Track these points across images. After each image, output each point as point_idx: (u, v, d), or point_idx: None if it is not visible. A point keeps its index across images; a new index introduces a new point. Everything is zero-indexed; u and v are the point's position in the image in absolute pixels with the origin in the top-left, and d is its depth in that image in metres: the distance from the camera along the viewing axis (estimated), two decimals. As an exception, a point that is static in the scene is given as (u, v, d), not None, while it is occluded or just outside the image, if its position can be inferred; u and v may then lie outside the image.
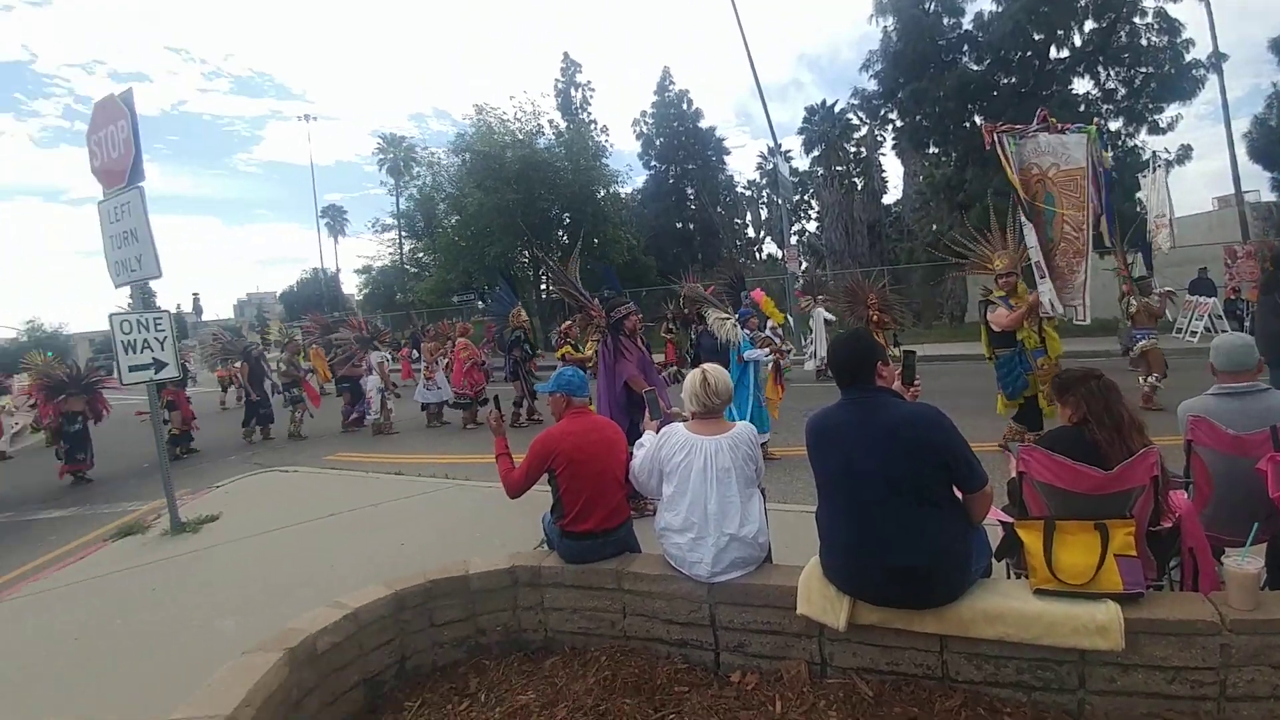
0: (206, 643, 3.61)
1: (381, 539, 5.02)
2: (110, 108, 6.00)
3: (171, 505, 5.66)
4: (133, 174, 5.81)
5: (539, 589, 3.15)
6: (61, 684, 3.35)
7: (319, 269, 49.32)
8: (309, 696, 2.59)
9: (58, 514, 7.50)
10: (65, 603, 4.44)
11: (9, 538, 6.72)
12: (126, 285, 5.96)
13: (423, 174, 31.93)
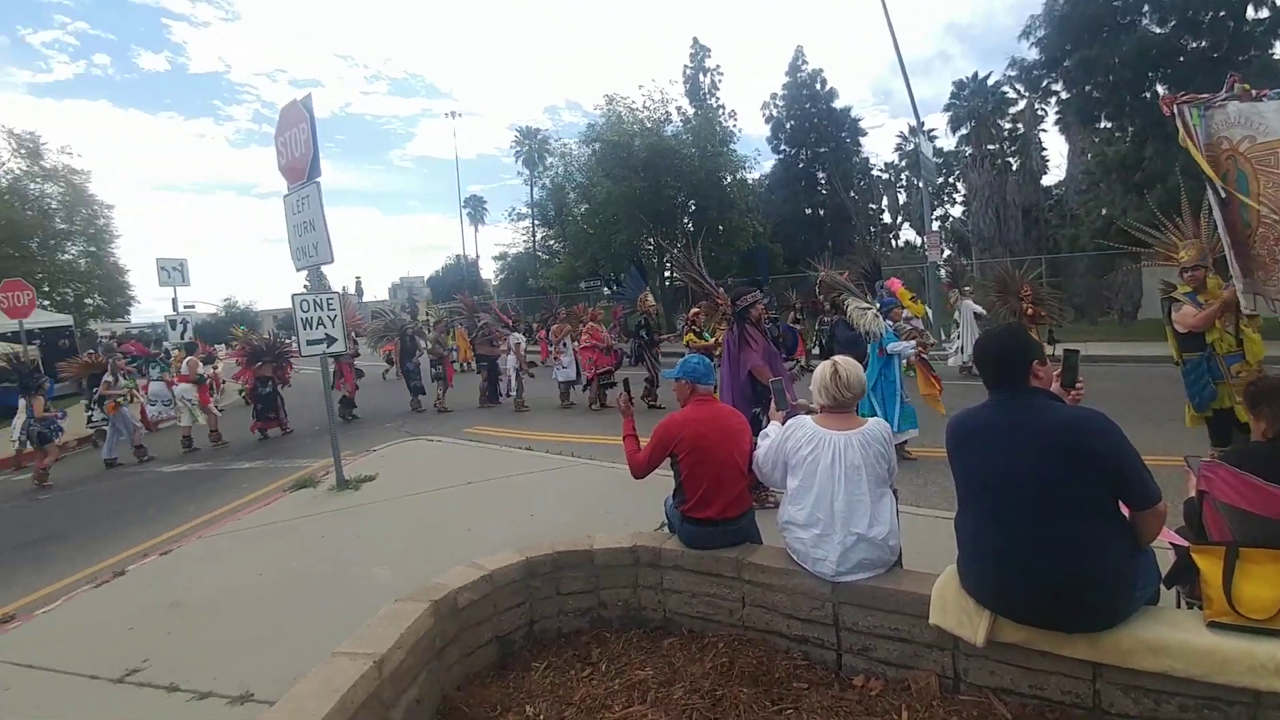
0: (363, 587, 4.07)
1: (513, 508, 5.35)
2: (293, 112, 6.74)
3: (338, 464, 6.38)
4: (311, 170, 6.51)
5: (659, 570, 3.23)
6: (250, 612, 3.91)
7: (461, 256, 52.87)
8: (450, 646, 2.84)
9: (247, 465, 8.71)
10: (254, 542, 5.17)
11: (211, 484, 7.91)
12: (305, 269, 6.72)
13: (555, 164, 33.18)
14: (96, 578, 4.78)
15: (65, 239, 22.62)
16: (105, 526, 6.59)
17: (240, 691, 3.03)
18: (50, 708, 3.09)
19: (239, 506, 6.51)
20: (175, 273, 17.14)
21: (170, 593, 4.26)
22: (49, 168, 22.10)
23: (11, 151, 21.86)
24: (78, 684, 3.26)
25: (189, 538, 5.48)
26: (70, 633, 3.85)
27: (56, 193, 22.34)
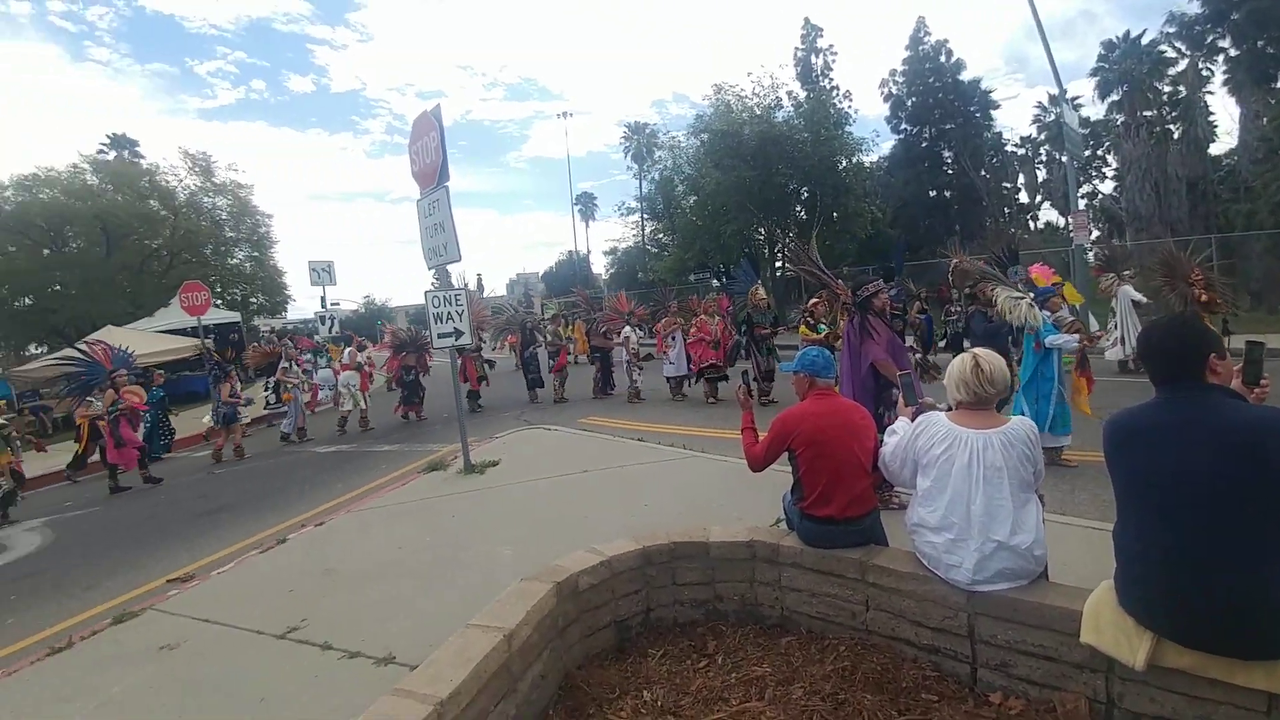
0: (489, 564, 4.32)
1: (627, 497, 5.46)
2: (424, 122, 7.19)
3: (465, 450, 6.80)
4: (440, 175, 6.91)
5: (777, 566, 3.17)
6: (391, 581, 4.25)
7: (573, 251, 54.44)
8: (571, 627, 2.95)
9: (386, 448, 9.48)
10: (393, 519, 5.62)
11: (356, 464, 8.69)
12: (435, 268, 7.18)
13: (663, 157, 33.29)
14: (262, 544, 5.38)
15: (233, 245, 25.71)
16: (268, 499, 7.44)
17: (384, 654, 3.30)
18: (223, 657, 3.52)
19: (380, 485, 7.10)
20: (324, 273, 18.93)
21: (324, 560, 4.73)
22: (219, 183, 25.20)
23: (189, 170, 25.10)
24: (246, 638, 3.70)
25: (338, 512, 6.06)
26: (240, 592, 4.36)
27: (225, 205, 25.43)
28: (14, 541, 6.93)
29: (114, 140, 32.24)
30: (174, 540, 6.23)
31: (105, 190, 23.33)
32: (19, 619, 4.74)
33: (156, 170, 24.26)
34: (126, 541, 6.51)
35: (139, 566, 5.54)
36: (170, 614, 4.13)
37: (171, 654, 3.59)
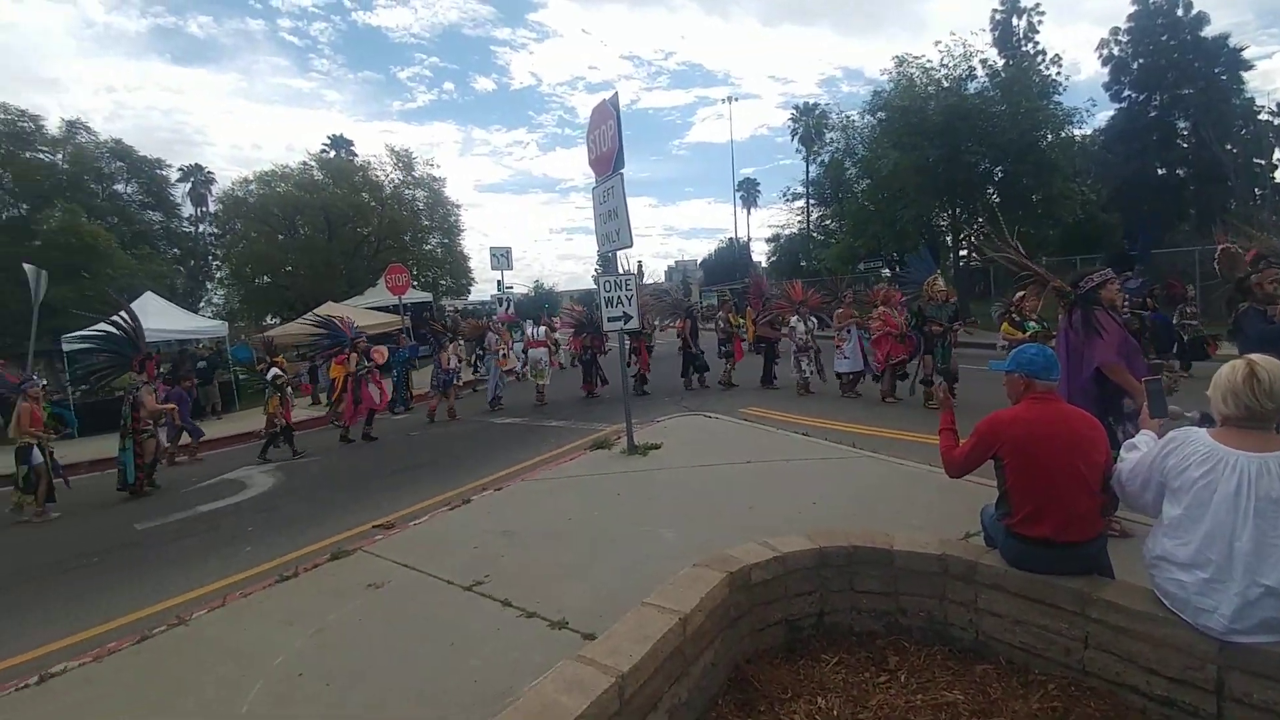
0: (653, 544, 4.40)
1: (793, 492, 5.28)
2: (603, 110, 7.40)
3: (629, 431, 6.99)
4: (616, 162, 7.09)
5: (973, 586, 2.87)
6: (562, 549, 4.46)
7: (733, 238, 53.91)
8: (742, 619, 2.88)
9: (555, 424, 10.05)
10: (562, 491, 5.92)
11: (529, 437, 9.31)
12: (609, 253, 7.40)
13: (834, 139, 31.67)
14: (450, 502, 5.92)
15: (428, 233, 28.64)
16: (455, 462, 8.18)
17: (558, 618, 3.46)
18: (419, 600, 3.90)
19: (549, 458, 7.53)
20: (503, 258, 20.41)
21: (503, 522, 5.09)
22: (418, 176, 28.19)
23: (394, 165, 28.22)
24: (438, 585, 4.07)
25: (514, 479, 6.50)
26: (433, 543, 4.82)
27: (422, 196, 28.36)
28: (253, 481, 8.25)
29: (333, 140, 37.23)
30: (378, 491, 7.06)
31: (327, 184, 27.01)
32: (255, 548, 5.60)
33: (368, 166, 27.76)
34: (340, 488, 7.50)
35: (350, 511, 6.34)
36: (376, 556, 4.67)
37: (377, 592, 4.05)
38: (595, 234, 7.49)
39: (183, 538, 6.13)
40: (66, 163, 23.90)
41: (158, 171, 27.19)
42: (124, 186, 26.29)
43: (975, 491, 4.88)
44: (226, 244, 29.43)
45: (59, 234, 20.37)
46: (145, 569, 5.33)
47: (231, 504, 7.22)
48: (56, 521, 7.39)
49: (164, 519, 6.81)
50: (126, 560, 5.64)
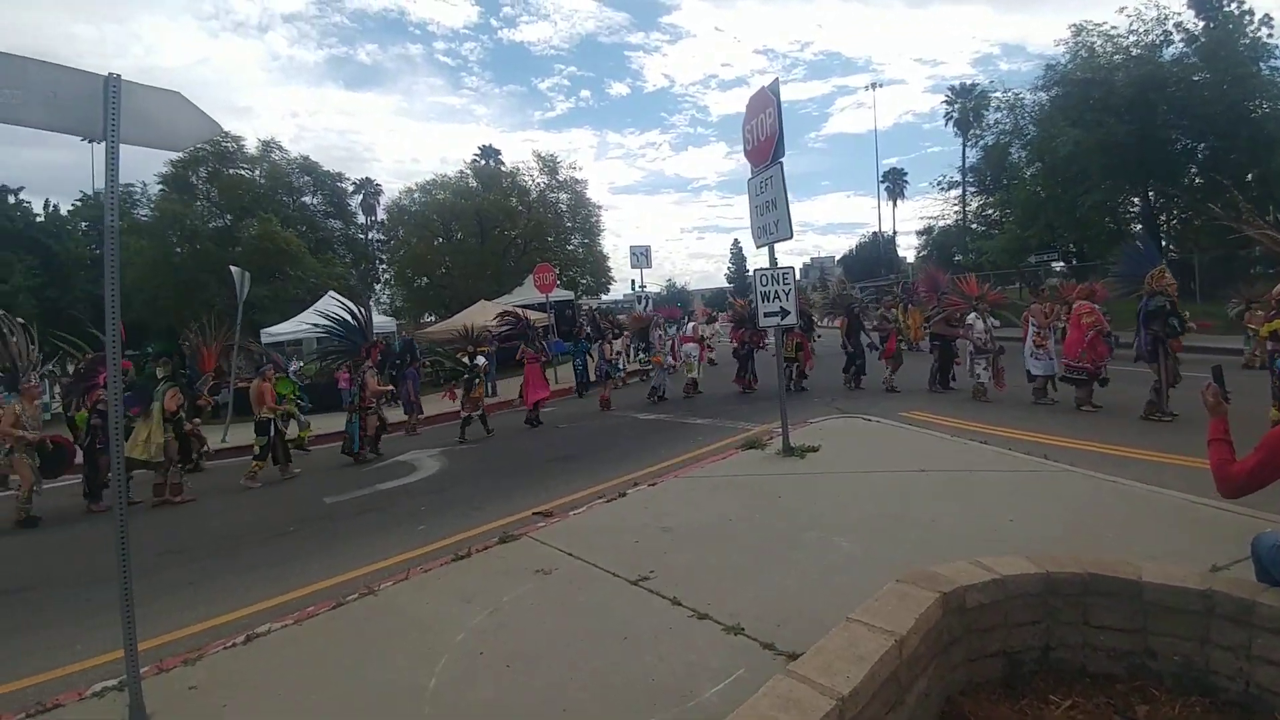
0: (825, 553, 4.11)
1: (982, 507, 4.75)
2: (762, 98, 7.13)
3: (785, 432, 6.68)
4: (776, 151, 6.80)
5: (1247, 629, 2.35)
6: (726, 549, 4.29)
7: (877, 233, 51.15)
8: (954, 646, 2.56)
9: (699, 421, 9.92)
10: (718, 489, 5.75)
11: (673, 433, 9.27)
12: (765, 246, 7.13)
13: (998, 120, 28.91)
14: (604, 494, 5.95)
15: (570, 233, 29.76)
16: (601, 455, 8.30)
17: (731, 622, 3.29)
18: (587, 589, 3.89)
19: (698, 456, 7.40)
20: (642, 256, 20.69)
21: (661, 519, 5.01)
22: (561, 180, 29.34)
23: (539, 170, 29.59)
24: (604, 577, 4.04)
25: (665, 475, 6.43)
26: (594, 535, 4.82)
27: (565, 199, 29.51)
28: (422, 465, 8.85)
29: (483, 150, 39.74)
30: (533, 479, 7.31)
31: (480, 191, 28.85)
32: (428, 526, 5.93)
33: (516, 172, 29.37)
34: (499, 475, 7.84)
35: (510, 497, 6.58)
36: (540, 542, 4.76)
37: (546, 578, 4.10)
38: (751, 227, 7.25)
39: (364, 513, 6.66)
40: (263, 178, 27.36)
41: (338, 184, 30.42)
42: (310, 198, 29.66)
43: (1215, 518, 4.15)
44: (391, 249, 32.33)
45: (258, 240, 23.38)
46: (335, 540, 5.83)
47: (404, 485, 7.78)
48: (262, 492, 8.34)
49: (348, 495, 7.47)
50: (319, 531, 6.20)
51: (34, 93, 2.79)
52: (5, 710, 3.19)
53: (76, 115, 2.92)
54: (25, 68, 2.78)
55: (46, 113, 2.85)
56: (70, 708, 3.14)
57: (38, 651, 4.02)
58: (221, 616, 4.28)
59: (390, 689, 3.01)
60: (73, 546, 6.68)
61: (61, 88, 2.88)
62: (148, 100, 3.15)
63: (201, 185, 26.19)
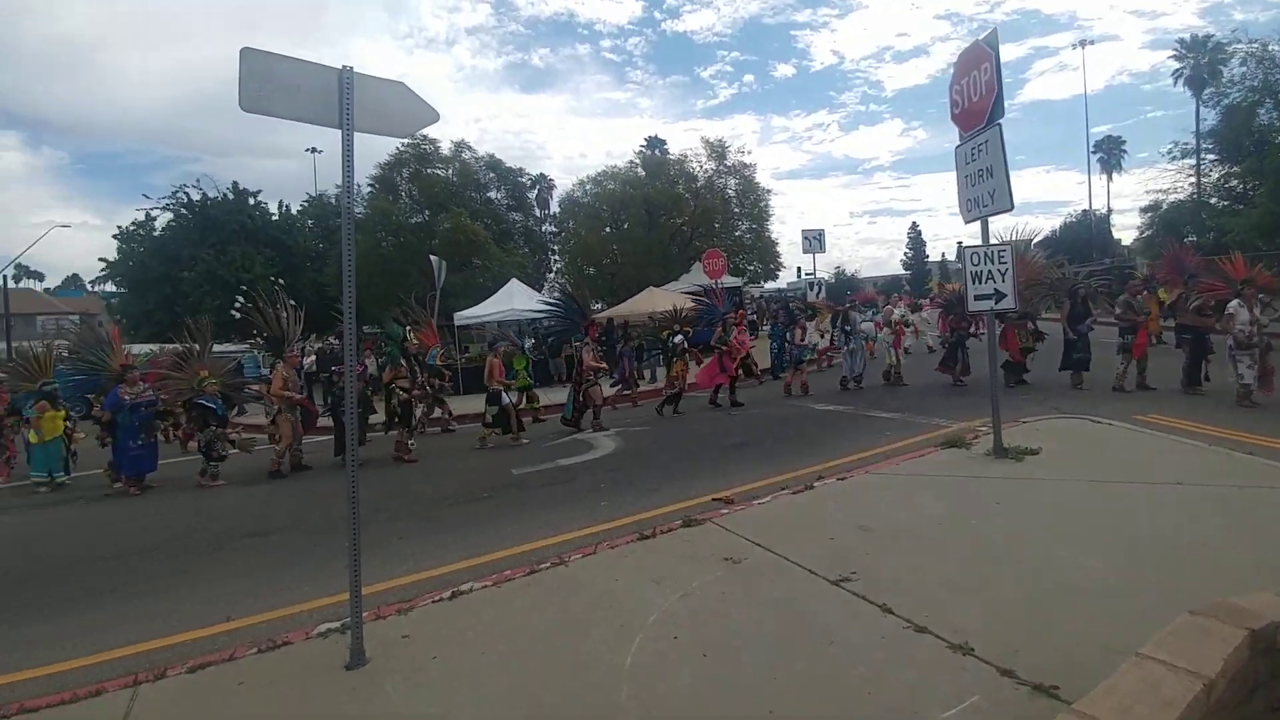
0: (1068, 571, 3.53)
1: (1259, 530, 3.85)
2: (975, 54, 6.34)
3: (997, 431, 5.93)
4: (992, 113, 6.02)
5: None
6: (937, 554, 3.84)
7: (1087, 211, 44.79)
8: (1257, 692, 2.07)
9: (884, 415, 9.20)
10: (917, 489, 5.22)
11: (856, 427, 8.67)
12: (976, 221, 6.35)
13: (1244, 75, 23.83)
14: (786, 485, 5.65)
15: (738, 219, 29.30)
16: (779, 444, 7.98)
17: (957, 639, 2.90)
18: (781, 584, 3.65)
19: (887, 452, 6.82)
20: (815, 241, 19.81)
21: (855, 516, 4.63)
22: (729, 165, 28.89)
23: (707, 156, 29.37)
24: (799, 573, 3.78)
25: (855, 470, 5.97)
26: (783, 527, 4.56)
27: (733, 184, 29.06)
28: (599, 444, 9.08)
29: (649, 141, 40.34)
30: (709, 463, 7.20)
31: (647, 180, 29.29)
32: (609, 503, 6.01)
33: (684, 159, 29.33)
34: (675, 458, 7.83)
35: (687, 480, 6.50)
36: (725, 529, 4.60)
37: (735, 567, 3.93)
38: (959, 200, 6.50)
39: (548, 485, 6.95)
40: (455, 176, 29.90)
41: (519, 179, 32.52)
42: (495, 193, 31.98)
43: None
44: (562, 240, 33.99)
45: (451, 232, 25.60)
46: (524, 508, 6.11)
47: (583, 461, 8.03)
48: (460, 459, 9.05)
49: (533, 467, 7.86)
50: (510, 499, 6.56)
51: (279, 86, 3.09)
52: (241, 643, 3.59)
53: (316, 106, 3.20)
54: (273, 63, 3.08)
55: (290, 104, 3.15)
56: (298, 646, 3.47)
57: (275, 589, 4.54)
58: (426, 571, 4.58)
59: (587, 662, 3.01)
60: (312, 497, 7.69)
61: (303, 80, 3.16)
62: (376, 90, 3.39)
63: (404, 184, 29.28)
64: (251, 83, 3.02)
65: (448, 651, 3.23)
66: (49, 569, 5.60)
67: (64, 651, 3.82)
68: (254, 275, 28.29)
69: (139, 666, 3.42)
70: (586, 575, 4.04)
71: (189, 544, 6.00)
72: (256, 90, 3.04)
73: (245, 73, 3.00)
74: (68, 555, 6.01)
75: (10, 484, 9.58)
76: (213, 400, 8.57)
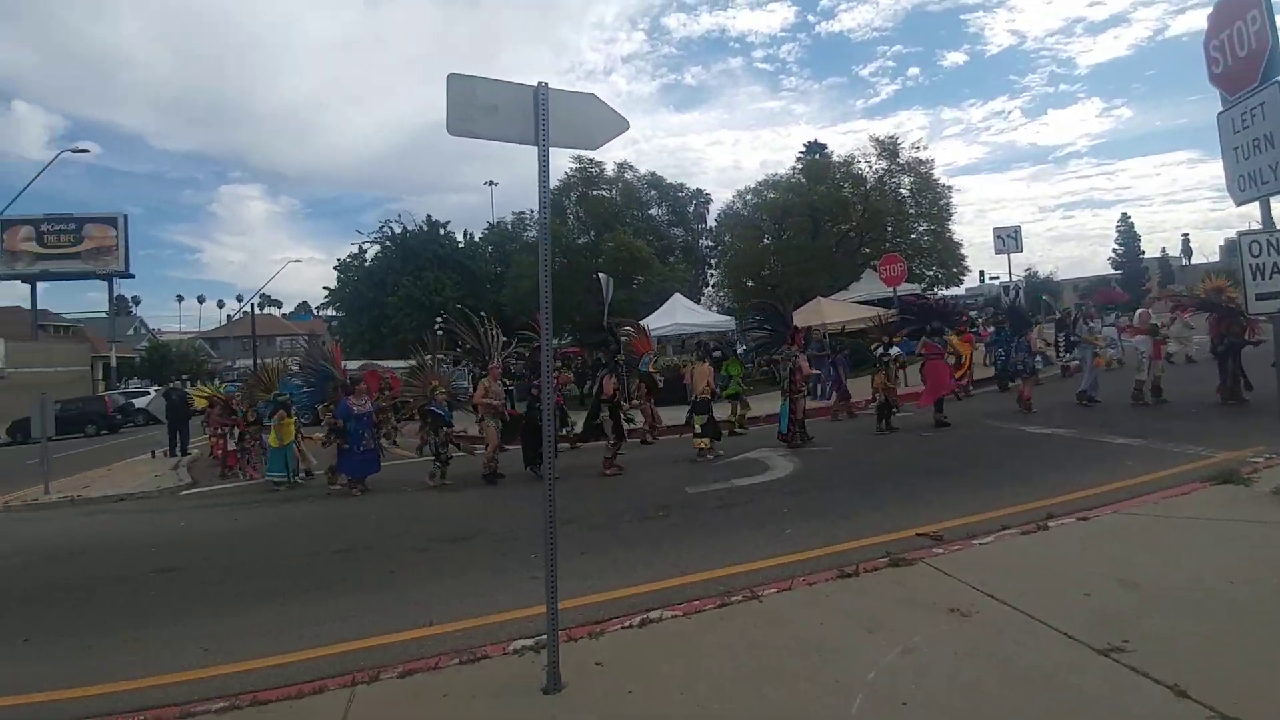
0: None
1: None
2: (1234, 5, 5.24)
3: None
4: (1267, 69, 4.93)
5: None
6: (1220, 626, 2.98)
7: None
8: None
9: (1120, 441, 7.75)
10: (1188, 534, 4.25)
11: (1085, 453, 7.41)
12: (1253, 201, 5.15)
13: None
14: (1009, 524, 4.85)
15: (913, 221, 27.17)
16: (992, 472, 7.05)
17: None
18: (1030, 648, 3.02)
19: (1135, 487, 5.67)
20: (1010, 240, 17.77)
21: (1112, 566, 3.81)
22: (903, 163, 26.87)
23: (877, 155, 27.61)
24: (1052, 636, 3.11)
25: (1098, 509, 4.99)
26: (1018, 575, 3.86)
27: (908, 183, 26.99)
28: (773, 464, 8.62)
29: (809, 146, 38.83)
30: (901, 492, 6.54)
31: (810, 186, 28.15)
32: (794, 531, 5.57)
33: (851, 160, 27.75)
34: (860, 482, 7.23)
35: (877, 509, 5.89)
36: (942, 572, 4.01)
37: (965, 621, 3.35)
38: (1227, 178, 5.33)
39: (726, 507, 6.65)
40: (618, 196, 30.89)
41: (678, 194, 32.93)
42: (656, 210, 32.64)
43: None
44: (719, 254, 33.80)
45: (616, 250, 26.41)
46: (702, 530, 5.86)
47: (760, 482, 7.64)
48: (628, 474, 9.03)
49: (707, 486, 7.61)
50: (686, 519, 6.33)
51: (479, 107, 3.15)
52: (445, 652, 3.65)
53: (514, 124, 3.23)
54: (474, 86, 3.13)
55: (490, 124, 3.20)
56: (495, 661, 3.46)
57: (474, 596, 4.68)
58: (610, 591, 4.47)
59: None
60: (511, 504, 7.99)
61: (501, 99, 3.20)
62: (569, 104, 3.36)
63: (571, 207, 30.84)
64: (456, 107, 3.10)
65: (644, 688, 3.03)
66: (276, 561, 6.31)
67: (286, 643, 4.15)
68: (444, 298, 31.27)
69: (350, 664, 3.62)
70: (784, 613, 3.67)
71: (399, 544, 6.49)
72: (460, 113, 3.12)
73: (451, 97, 3.09)
74: (292, 549, 6.76)
75: (255, 482, 11.17)
76: (441, 407, 9.27)
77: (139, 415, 27.74)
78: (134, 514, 9.49)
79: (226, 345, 53.67)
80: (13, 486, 11.90)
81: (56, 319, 46.89)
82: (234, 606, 4.99)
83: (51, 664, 4.18)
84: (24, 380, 32.90)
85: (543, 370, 3.56)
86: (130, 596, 5.51)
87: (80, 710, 3.47)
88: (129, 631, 4.59)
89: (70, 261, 41.20)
